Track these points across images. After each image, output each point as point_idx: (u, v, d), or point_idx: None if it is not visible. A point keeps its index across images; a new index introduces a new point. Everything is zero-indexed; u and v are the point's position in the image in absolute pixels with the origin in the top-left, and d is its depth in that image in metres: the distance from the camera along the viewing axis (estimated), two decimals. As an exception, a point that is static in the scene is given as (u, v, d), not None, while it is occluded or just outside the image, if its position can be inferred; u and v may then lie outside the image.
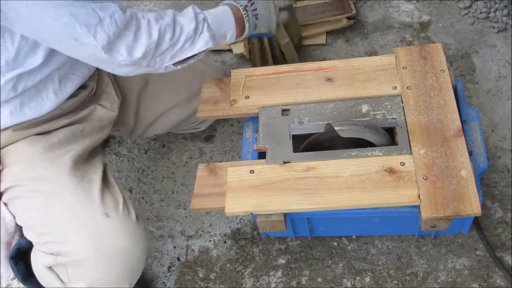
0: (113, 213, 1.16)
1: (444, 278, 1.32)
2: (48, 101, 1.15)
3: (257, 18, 1.26)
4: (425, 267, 1.34)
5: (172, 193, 1.61)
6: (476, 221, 1.36)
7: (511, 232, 1.36)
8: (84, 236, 1.13)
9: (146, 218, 1.57)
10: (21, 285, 1.34)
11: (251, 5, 1.26)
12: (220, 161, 1.63)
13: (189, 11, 1.16)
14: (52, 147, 1.17)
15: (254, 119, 1.34)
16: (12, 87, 1.07)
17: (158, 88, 1.46)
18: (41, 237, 1.17)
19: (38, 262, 1.21)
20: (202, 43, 1.15)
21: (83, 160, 1.22)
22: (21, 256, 1.27)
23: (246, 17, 1.24)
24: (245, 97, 1.30)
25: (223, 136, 1.70)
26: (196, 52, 1.16)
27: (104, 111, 1.31)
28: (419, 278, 1.33)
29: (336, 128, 1.14)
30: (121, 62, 1.06)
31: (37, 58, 1.06)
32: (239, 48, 1.82)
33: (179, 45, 1.12)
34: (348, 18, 1.81)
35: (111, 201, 1.17)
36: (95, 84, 1.30)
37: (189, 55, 1.15)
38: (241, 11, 1.23)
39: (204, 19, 1.16)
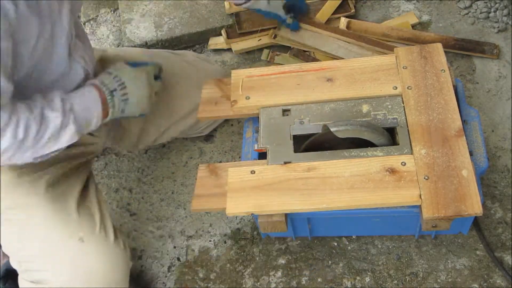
0: (88, 236, 1.14)
1: (444, 278, 1.32)
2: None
3: (126, 103, 1.17)
4: (425, 267, 1.35)
5: (172, 193, 1.61)
6: (476, 221, 1.36)
7: (511, 232, 1.36)
8: (59, 264, 1.13)
9: (146, 218, 1.57)
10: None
11: (121, 88, 1.15)
12: (220, 161, 1.63)
13: (56, 101, 1.03)
14: (27, 173, 1.15)
15: (254, 119, 1.34)
16: None
17: (163, 104, 1.44)
18: (21, 265, 1.16)
19: None
20: (67, 138, 1.03)
21: (61, 179, 1.20)
22: (10, 276, 1.27)
23: (111, 102, 1.13)
24: (246, 98, 1.30)
25: (223, 136, 1.70)
26: (60, 147, 1.04)
27: (89, 138, 1.29)
28: (419, 278, 1.33)
29: (332, 129, 1.14)
30: None
31: None
32: (239, 46, 1.83)
33: (42, 142, 1.00)
34: (348, 17, 1.81)
35: (87, 223, 1.16)
36: None
37: (52, 151, 1.04)
38: (106, 94, 1.12)
39: (71, 109, 1.04)
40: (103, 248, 1.16)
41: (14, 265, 1.18)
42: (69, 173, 1.23)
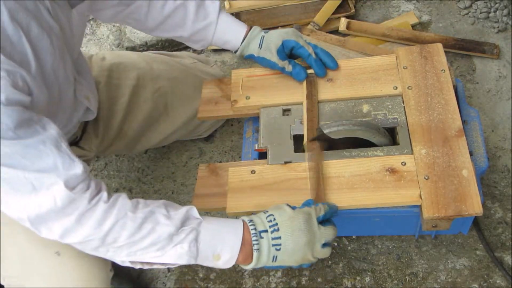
0: (64, 249, 1.08)
1: (444, 278, 1.32)
2: None
3: (278, 249, 0.96)
4: (425, 267, 1.35)
5: (172, 193, 1.61)
6: (476, 221, 1.36)
7: (511, 232, 1.37)
8: (38, 279, 1.10)
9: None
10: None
11: (272, 231, 0.96)
12: (220, 161, 1.63)
13: (182, 211, 0.96)
14: None
15: (254, 119, 1.34)
16: None
17: (163, 110, 1.44)
18: (4, 280, 1.13)
19: None
20: (174, 257, 0.94)
21: None
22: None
23: (257, 245, 0.95)
24: (246, 98, 1.30)
25: (223, 136, 1.70)
26: (166, 263, 0.96)
27: (80, 152, 1.28)
28: (419, 278, 1.33)
29: (325, 131, 1.14)
30: (47, 237, 0.92)
31: None
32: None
33: (142, 245, 0.92)
34: (348, 17, 1.81)
35: None
36: (80, 132, 1.27)
37: (155, 262, 0.96)
38: (251, 235, 0.96)
39: (194, 229, 0.94)
40: (80, 261, 1.11)
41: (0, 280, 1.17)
42: None
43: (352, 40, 1.73)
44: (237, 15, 1.87)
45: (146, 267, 0.98)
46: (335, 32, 1.80)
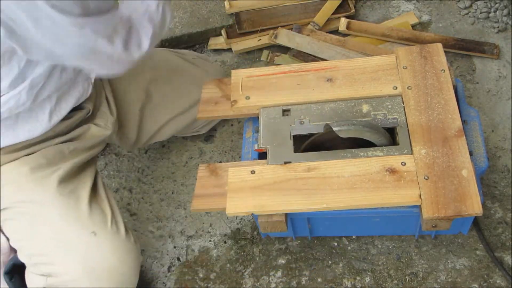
0: (100, 230, 1.15)
1: (444, 278, 1.32)
2: (43, 122, 1.12)
3: None
4: (425, 267, 1.35)
5: (172, 193, 1.61)
6: (476, 221, 1.36)
7: (511, 232, 1.37)
8: (72, 257, 1.13)
9: (146, 218, 1.57)
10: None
11: None
12: (220, 161, 1.63)
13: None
14: (39, 168, 1.15)
15: (254, 119, 1.34)
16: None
17: (160, 99, 1.45)
18: (31, 259, 1.17)
19: (30, 283, 1.20)
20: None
21: (72, 175, 1.20)
22: (16, 271, 1.27)
23: None
24: (246, 98, 1.30)
25: (223, 136, 1.70)
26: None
27: (98, 129, 1.29)
28: (419, 278, 1.33)
29: (334, 129, 1.14)
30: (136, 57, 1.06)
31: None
32: (239, 46, 1.83)
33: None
34: (348, 17, 1.81)
35: (99, 217, 1.17)
36: (92, 105, 1.28)
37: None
38: None
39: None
40: (115, 242, 1.16)
41: (23, 258, 1.18)
42: (78, 169, 1.23)
43: (352, 40, 1.74)
44: (237, 15, 1.87)
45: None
46: (335, 32, 1.80)
